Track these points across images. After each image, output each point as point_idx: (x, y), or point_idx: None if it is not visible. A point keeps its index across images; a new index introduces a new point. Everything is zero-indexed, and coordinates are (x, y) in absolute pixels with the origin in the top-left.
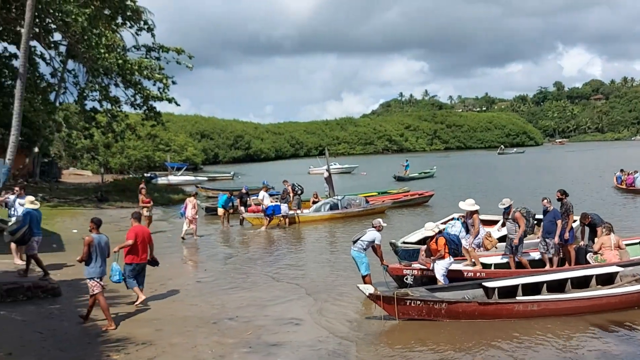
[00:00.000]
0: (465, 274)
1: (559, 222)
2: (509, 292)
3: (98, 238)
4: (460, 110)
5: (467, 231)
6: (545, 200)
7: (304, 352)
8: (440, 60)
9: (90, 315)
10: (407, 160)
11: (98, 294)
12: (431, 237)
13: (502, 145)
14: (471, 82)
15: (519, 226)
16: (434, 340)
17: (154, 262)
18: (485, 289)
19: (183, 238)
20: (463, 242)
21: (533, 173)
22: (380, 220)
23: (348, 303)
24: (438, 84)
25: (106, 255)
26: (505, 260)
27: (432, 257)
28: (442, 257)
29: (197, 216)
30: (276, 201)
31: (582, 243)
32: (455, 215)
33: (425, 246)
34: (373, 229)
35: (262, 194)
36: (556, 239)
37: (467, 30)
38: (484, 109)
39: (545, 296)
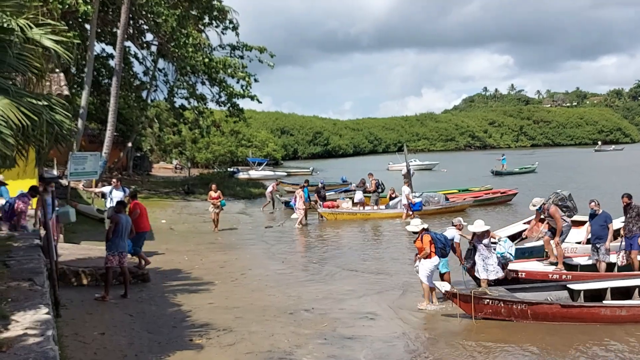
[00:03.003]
0: (550, 275)
1: (610, 225)
2: (595, 295)
3: (125, 218)
4: (549, 105)
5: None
6: (593, 203)
7: (378, 347)
8: (526, 54)
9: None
10: (503, 155)
11: (110, 268)
12: (417, 235)
13: (599, 142)
14: (560, 76)
15: (557, 222)
16: (513, 341)
17: None
18: (570, 291)
19: (298, 225)
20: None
21: (635, 173)
22: (460, 219)
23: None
24: (524, 79)
25: (128, 234)
26: (592, 262)
27: (417, 255)
28: (428, 257)
29: (304, 207)
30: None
31: None
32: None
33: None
34: (453, 227)
35: (406, 188)
36: (607, 244)
37: (554, 22)
38: (575, 104)
39: (636, 301)
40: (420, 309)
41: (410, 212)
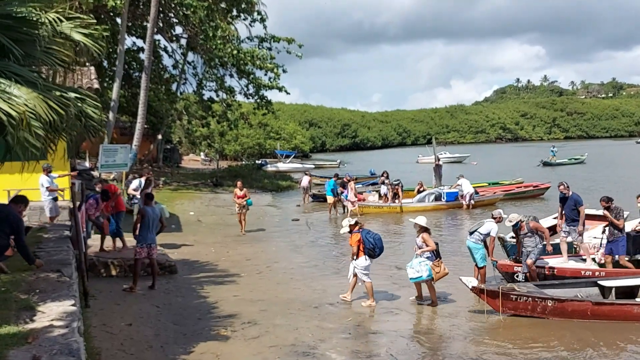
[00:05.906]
0: (583, 272)
1: (581, 209)
2: (628, 292)
3: (151, 210)
4: (583, 96)
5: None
6: (562, 187)
7: (402, 342)
8: (558, 44)
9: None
10: (554, 147)
11: (139, 259)
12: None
13: None
14: (594, 67)
15: (543, 232)
16: (542, 339)
17: None
18: (602, 287)
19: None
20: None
21: None
22: (500, 211)
23: (450, 296)
24: (556, 69)
25: (157, 226)
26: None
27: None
28: (357, 255)
29: (355, 199)
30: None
31: None
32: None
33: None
34: (492, 220)
35: (463, 180)
36: (580, 228)
37: (586, 11)
38: (610, 95)
39: None
40: (363, 305)
41: (472, 202)
